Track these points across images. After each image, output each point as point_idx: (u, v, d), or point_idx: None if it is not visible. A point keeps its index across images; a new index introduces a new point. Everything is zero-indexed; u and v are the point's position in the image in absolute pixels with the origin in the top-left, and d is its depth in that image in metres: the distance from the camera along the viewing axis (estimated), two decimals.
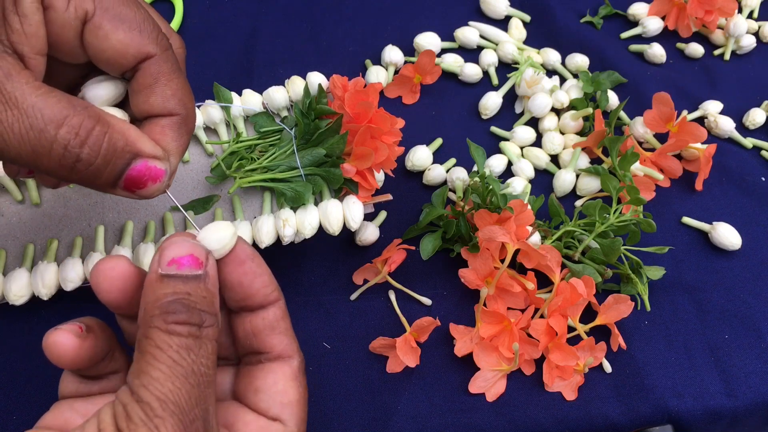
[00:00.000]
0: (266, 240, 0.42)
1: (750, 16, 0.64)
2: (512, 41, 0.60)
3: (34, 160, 0.28)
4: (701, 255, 0.51)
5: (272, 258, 0.49)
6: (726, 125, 0.56)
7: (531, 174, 0.53)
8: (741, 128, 0.57)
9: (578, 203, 0.52)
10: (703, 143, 0.53)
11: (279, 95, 0.48)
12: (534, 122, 0.56)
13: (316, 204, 0.44)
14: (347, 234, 0.50)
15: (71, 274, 0.42)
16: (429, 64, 0.56)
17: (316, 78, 0.49)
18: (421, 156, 0.52)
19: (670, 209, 0.53)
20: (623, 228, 0.47)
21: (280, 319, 0.32)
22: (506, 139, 0.55)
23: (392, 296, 0.47)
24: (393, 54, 0.58)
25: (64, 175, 0.29)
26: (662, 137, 0.54)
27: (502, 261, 0.44)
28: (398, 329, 0.46)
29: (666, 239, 0.51)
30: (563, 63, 0.60)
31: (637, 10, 0.63)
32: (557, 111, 0.56)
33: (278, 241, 0.43)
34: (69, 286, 0.42)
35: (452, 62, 0.59)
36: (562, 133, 0.55)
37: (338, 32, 0.61)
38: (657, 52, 0.60)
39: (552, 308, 0.44)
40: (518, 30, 0.61)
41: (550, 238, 0.48)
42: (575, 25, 0.63)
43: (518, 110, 0.57)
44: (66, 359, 0.29)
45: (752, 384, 0.45)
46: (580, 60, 0.59)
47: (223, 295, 0.31)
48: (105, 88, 0.33)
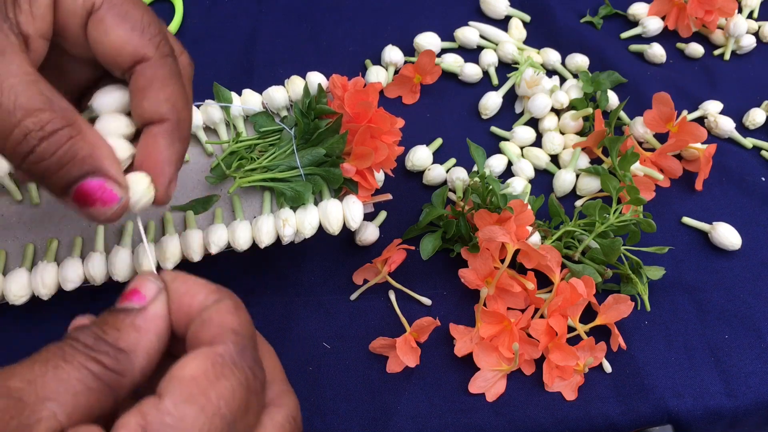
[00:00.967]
0: (266, 240, 0.42)
1: (750, 16, 0.64)
2: (512, 41, 0.60)
3: None
4: (701, 255, 0.51)
5: (272, 258, 0.49)
6: (726, 125, 0.56)
7: (531, 174, 0.53)
8: (741, 128, 0.57)
9: (578, 203, 0.52)
10: (703, 143, 0.53)
11: (279, 95, 0.48)
12: (534, 122, 0.56)
13: (316, 204, 0.44)
14: (347, 234, 0.50)
15: (71, 274, 0.42)
16: (429, 64, 0.56)
17: (316, 78, 0.49)
18: (421, 156, 0.52)
19: (670, 209, 0.53)
20: (623, 228, 0.47)
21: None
22: (506, 139, 0.55)
23: (392, 296, 0.47)
24: (393, 54, 0.58)
25: (16, 163, 0.29)
26: (662, 137, 0.54)
27: (502, 261, 0.44)
28: (398, 329, 0.46)
29: (666, 239, 0.51)
30: (563, 63, 0.60)
31: (637, 10, 0.63)
32: (557, 111, 0.56)
33: (278, 241, 0.43)
34: (69, 286, 0.42)
35: (452, 62, 0.59)
36: (562, 133, 0.55)
37: (338, 32, 0.61)
38: (657, 52, 0.60)
39: (552, 308, 0.44)
40: (518, 30, 0.61)
41: (550, 238, 0.48)
42: (575, 25, 0.63)
43: (518, 110, 0.57)
44: None
45: (752, 384, 0.45)
46: (580, 60, 0.59)
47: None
48: (113, 97, 0.32)
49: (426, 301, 0.47)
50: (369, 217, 0.50)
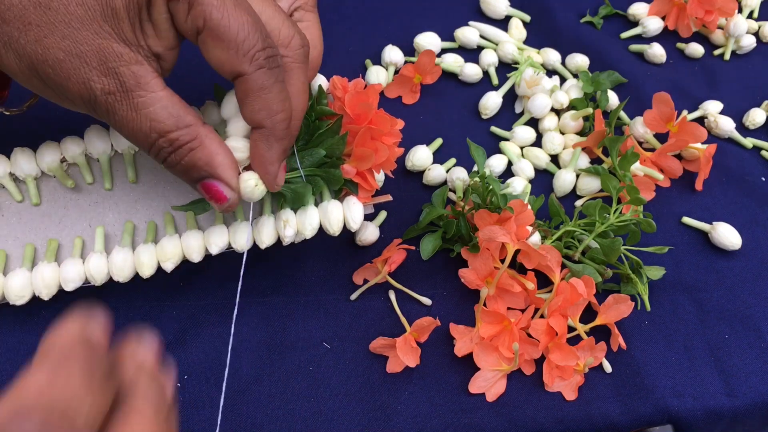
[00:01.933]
0: (267, 240, 0.42)
1: (750, 16, 0.64)
2: (512, 41, 0.60)
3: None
4: (701, 255, 0.51)
5: (272, 258, 0.49)
6: (726, 125, 0.56)
7: (531, 174, 0.53)
8: (741, 128, 0.57)
9: (578, 203, 0.52)
10: (703, 143, 0.53)
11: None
12: (534, 122, 0.56)
13: (317, 205, 0.44)
14: (347, 234, 0.50)
15: (72, 274, 0.42)
16: (429, 64, 0.56)
17: (317, 79, 0.49)
18: (421, 156, 0.52)
19: (670, 209, 0.53)
20: (623, 228, 0.47)
21: None
22: (506, 139, 0.55)
23: (392, 296, 0.48)
24: (393, 54, 0.58)
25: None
26: (662, 137, 0.54)
27: (502, 261, 0.44)
28: (398, 329, 0.46)
29: (666, 239, 0.51)
30: (563, 63, 0.60)
31: (637, 10, 0.63)
32: (557, 111, 0.56)
33: (278, 242, 0.43)
34: (69, 286, 0.42)
35: (452, 62, 0.59)
36: (562, 133, 0.55)
37: (338, 32, 0.61)
38: (657, 52, 0.60)
39: (552, 308, 0.44)
40: (518, 30, 0.61)
41: (550, 238, 0.48)
42: (575, 25, 0.63)
43: (518, 110, 0.57)
44: None
45: (752, 384, 0.45)
46: (580, 60, 0.59)
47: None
48: (234, 103, 0.39)
49: (426, 301, 0.47)
50: (369, 218, 0.50)
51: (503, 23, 0.62)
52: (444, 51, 0.60)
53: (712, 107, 0.57)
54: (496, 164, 0.53)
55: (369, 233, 0.49)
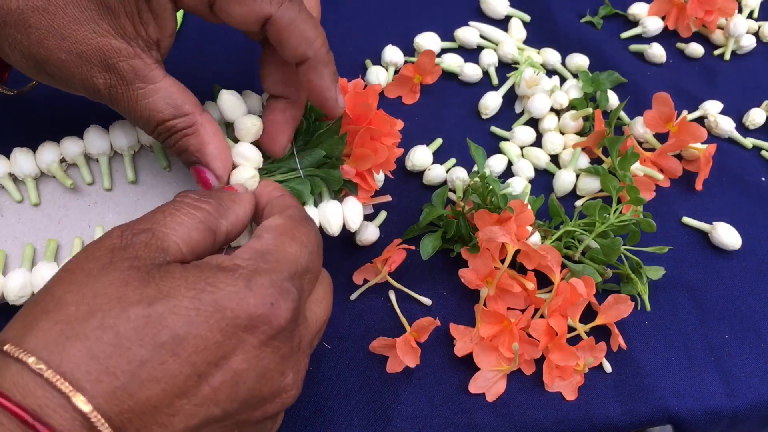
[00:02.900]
0: None
1: (750, 16, 0.64)
2: (512, 41, 0.60)
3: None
4: (701, 255, 0.51)
5: None
6: (726, 125, 0.56)
7: (531, 174, 0.53)
8: (741, 128, 0.57)
9: (578, 203, 0.52)
10: (703, 143, 0.53)
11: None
12: (534, 122, 0.56)
13: (316, 205, 0.44)
14: (347, 234, 0.49)
15: None
16: (429, 64, 0.56)
17: None
18: (421, 156, 0.52)
19: (670, 209, 0.53)
20: (623, 228, 0.47)
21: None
22: (506, 139, 0.55)
23: (392, 296, 0.47)
24: (393, 54, 0.58)
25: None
26: (662, 137, 0.54)
27: (502, 261, 0.44)
28: (398, 329, 0.46)
29: (666, 239, 0.51)
30: (563, 63, 0.60)
31: (637, 10, 0.63)
32: (557, 111, 0.56)
33: None
34: None
35: (452, 62, 0.59)
36: (562, 133, 0.55)
37: (338, 32, 0.61)
38: (657, 52, 0.60)
39: (552, 308, 0.44)
40: (518, 30, 0.61)
41: (550, 238, 0.48)
42: (575, 25, 0.63)
43: (518, 110, 0.57)
44: None
45: (752, 384, 0.45)
46: (580, 60, 0.59)
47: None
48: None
49: (426, 301, 0.47)
50: (369, 218, 0.50)
51: (503, 23, 0.62)
52: (444, 51, 0.60)
53: (712, 107, 0.57)
54: (496, 164, 0.53)
55: (369, 233, 0.49)
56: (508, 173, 0.54)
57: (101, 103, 0.39)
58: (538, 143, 0.55)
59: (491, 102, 0.56)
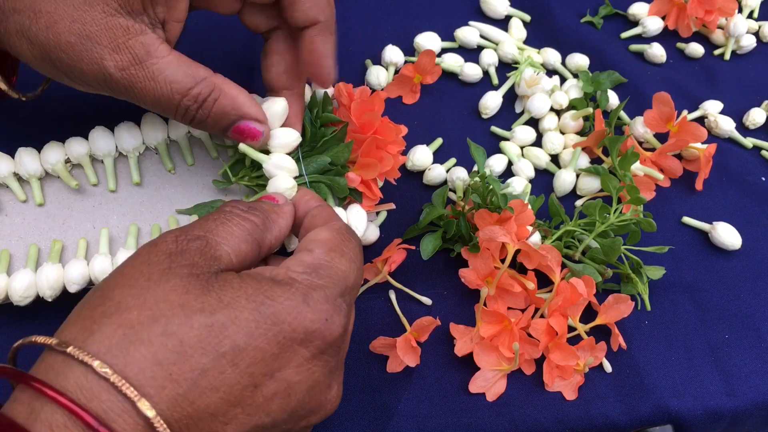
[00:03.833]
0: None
1: (750, 16, 0.64)
2: (512, 41, 0.60)
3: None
4: (701, 255, 0.51)
5: None
6: (726, 125, 0.56)
7: (531, 174, 0.53)
8: (741, 128, 0.57)
9: (578, 203, 0.52)
10: (703, 143, 0.53)
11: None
12: (534, 122, 0.56)
13: None
14: None
15: (75, 276, 0.41)
16: (429, 64, 0.56)
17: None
18: (421, 156, 0.52)
19: (670, 209, 0.53)
20: (623, 228, 0.47)
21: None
22: (506, 139, 0.55)
23: (392, 296, 0.48)
24: (393, 54, 0.58)
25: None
26: (662, 137, 0.54)
27: (503, 261, 0.44)
28: (398, 329, 0.46)
29: (666, 239, 0.51)
30: (563, 63, 0.60)
31: (637, 10, 0.63)
32: (557, 111, 0.56)
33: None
34: (73, 288, 0.42)
35: (452, 62, 0.59)
36: (562, 133, 0.55)
37: (338, 32, 0.61)
38: (657, 52, 0.60)
39: (552, 308, 0.44)
40: (518, 30, 0.61)
41: (550, 238, 0.48)
42: (575, 25, 0.63)
43: (518, 110, 0.57)
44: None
45: (752, 384, 0.45)
46: (580, 60, 0.59)
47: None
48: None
49: (426, 301, 0.47)
50: (369, 217, 0.50)
51: (503, 23, 0.62)
52: (444, 51, 0.60)
53: (712, 107, 0.57)
54: (496, 164, 0.53)
55: (369, 233, 0.49)
56: (508, 173, 0.54)
57: (106, 105, 0.39)
58: (538, 143, 0.55)
59: (491, 102, 0.56)
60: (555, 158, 0.54)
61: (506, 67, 0.59)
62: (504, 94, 0.57)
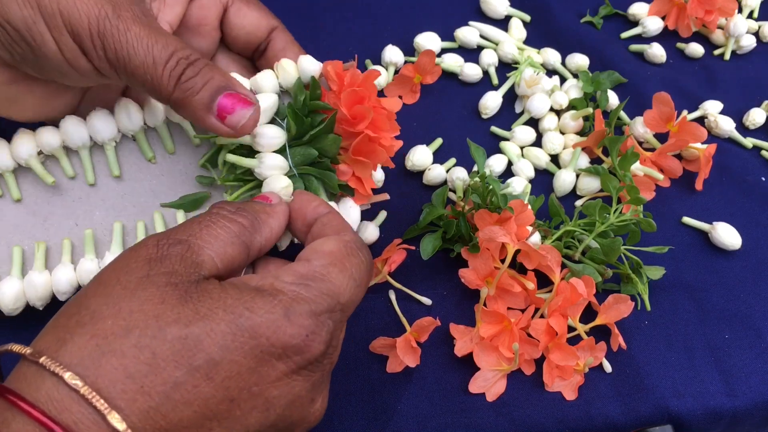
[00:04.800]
0: None
1: (750, 16, 0.64)
2: (512, 41, 0.60)
3: (145, 68, 0.36)
4: (701, 255, 0.51)
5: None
6: (726, 125, 0.56)
7: (531, 174, 0.53)
8: (741, 128, 0.57)
9: (578, 203, 0.52)
10: (703, 143, 0.53)
11: (267, 82, 0.43)
12: (534, 122, 0.56)
13: None
14: None
15: (64, 285, 0.40)
16: (429, 64, 0.56)
17: (309, 63, 0.44)
18: (421, 156, 0.52)
19: (670, 209, 0.53)
20: (623, 228, 0.47)
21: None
22: (506, 139, 0.55)
23: (392, 296, 0.47)
24: (393, 54, 0.58)
25: (170, 90, 0.36)
26: (662, 137, 0.54)
27: (502, 261, 0.44)
28: (398, 329, 0.46)
29: (666, 239, 0.51)
30: (563, 63, 0.60)
31: (637, 10, 0.63)
32: (557, 111, 0.56)
33: (275, 247, 0.42)
34: (63, 297, 0.40)
35: (452, 62, 0.59)
36: (562, 133, 0.55)
37: (338, 32, 0.61)
38: (657, 52, 0.60)
39: (552, 308, 0.44)
40: (518, 30, 0.61)
41: (550, 238, 0.48)
42: (575, 25, 0.63)
43: (518, 110, 0.57)
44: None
45: (752, 384, 0.45)
46: (580, 60, 0.59)
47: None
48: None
49: (426, 301, 0.47)
50: (368, 217, 0.50)
51: (503, 23, 0.62)
52: (444, 51, 0.60)
53: (712, 107, 0.57)
54: (496, 164, 0.53)
55: (369, 233, 0.49)
56: (508, 173, 0.54)
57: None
58: (538, 143, 0.55)
59: (491, 102, 0.56)
60: (555, 158, 0.54)
61: (506, 67, 0.59)
62: (504, 94, 0.57)
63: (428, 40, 0.59)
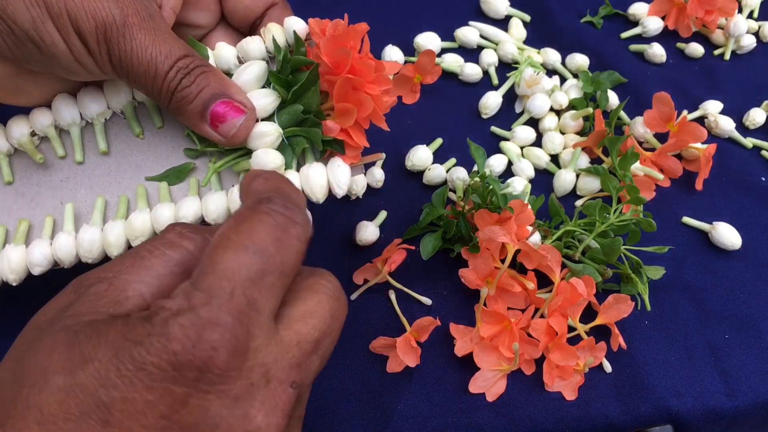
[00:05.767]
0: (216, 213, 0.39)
1: (750, 16, 0.64)
2: (512, 41, 0.60)
3: (146, 75, 0.36)
4: (701, 255, 0.51)
5: None
6: (726, 125, 0.56)
7: (531, 174, 0.53)
8: (741, 128, 0.57)
9: (578, 203, 0.52)
10: (703, 143, 0.53)
11: (254, 46, 0.42)
12: (534, 122, 0.56)
13: (298, 169, 0.40)
14: (347, 234, 0.50)
15: (38, 257, 0.39)
16: (429, 64, 0.56)
17: (294, 23, 0.43)
18: (421, 156, 0.52)
19: (670, 209, 0.53)
20: (623, 228, 0.47)
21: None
22: (506, 139, 0.55)
23: (392, 296, 0.48)
24: (393, 54, 0.58)
25: (167, 98, 0.37)
26: (662, 137, 0.54)
27: (503, 261, 0.44)
28: (398, 329, 0.46)
29: (666, 239, 0.51)
30: (563, 63, 0.60)
31: (637, 10, 0.63)
32: (557, 111, 0.56)
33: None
34: (36, 270, 0.39)
35: (452, 62, 0.59)
36: (562, 133, 0.55)
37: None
38: (657, 52, 0.60)
39: (552, 308, 0.44)
40: (518, 30, 0.61)
41: (550, 238, 0.48)
42: (575, 25, 0.63)
43: (518, 110, 0.57)
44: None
45: (752, 384, 0.45)
46: (580, 60, 0.59)
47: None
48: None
49: (426, 301, 0.47)
50: (369, 217, 0.50)
51: (503, 23, 0.62)
52: (444, 51, 0.60)
53: (712, 107, 0.57)
54: (496, 164, 0.53)
55: (369, 233, 0.49)
56: (508, 173, 0.54)
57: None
58: (538, 143, 0.55)
59: (491, 102, 0.56)
60: (555, 158, 0.54)
61: (506, 67, 0.59)
62: (504, 94, 0.57)
63: (428, 40, 0.59)
